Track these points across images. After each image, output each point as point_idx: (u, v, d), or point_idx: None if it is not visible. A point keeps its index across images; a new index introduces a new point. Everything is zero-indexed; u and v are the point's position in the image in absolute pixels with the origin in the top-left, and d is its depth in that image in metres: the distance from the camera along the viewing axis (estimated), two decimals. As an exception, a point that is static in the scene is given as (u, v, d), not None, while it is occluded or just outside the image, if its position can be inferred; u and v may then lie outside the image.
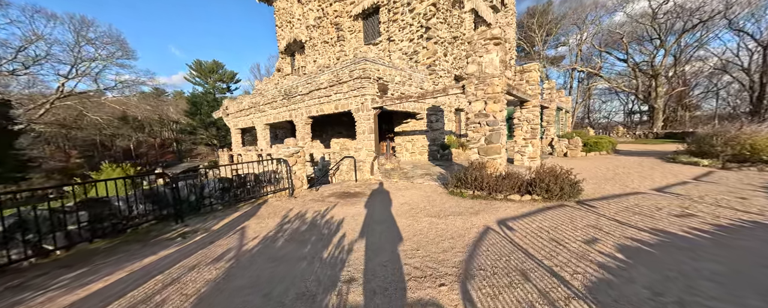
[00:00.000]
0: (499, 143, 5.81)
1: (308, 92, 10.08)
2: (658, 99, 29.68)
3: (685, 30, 27.94)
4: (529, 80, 8.94)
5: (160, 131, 47.94)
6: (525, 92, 8.40)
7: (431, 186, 6.64)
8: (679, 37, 28.28)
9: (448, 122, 12.90)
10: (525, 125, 9.13)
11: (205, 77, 43.83)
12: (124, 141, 41.60)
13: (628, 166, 8.13)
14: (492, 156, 5.84)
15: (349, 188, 7.02)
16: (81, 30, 24.64)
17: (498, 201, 4.78)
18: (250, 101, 12.93)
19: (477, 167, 5.55)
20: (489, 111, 5.77)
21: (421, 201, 5.22)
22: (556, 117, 14.80)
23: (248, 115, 13.73)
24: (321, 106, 9.97)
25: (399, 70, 9.51)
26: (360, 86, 8.47)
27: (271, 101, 11.80)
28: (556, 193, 4.52)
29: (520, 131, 9.19)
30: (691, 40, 29.37)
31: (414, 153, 12.03)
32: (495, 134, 5.76)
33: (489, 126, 5.80)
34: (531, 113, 9.07)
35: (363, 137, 8.85)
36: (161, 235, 3.88)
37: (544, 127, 13.15)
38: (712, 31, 28.62)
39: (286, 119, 11.53)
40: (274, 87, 11.48)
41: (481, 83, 5.82)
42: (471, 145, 6.16)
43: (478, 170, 5.46)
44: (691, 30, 27.80)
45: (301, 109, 10.76)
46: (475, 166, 5.62)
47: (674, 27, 29.36)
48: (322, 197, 6.08)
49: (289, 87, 10.65)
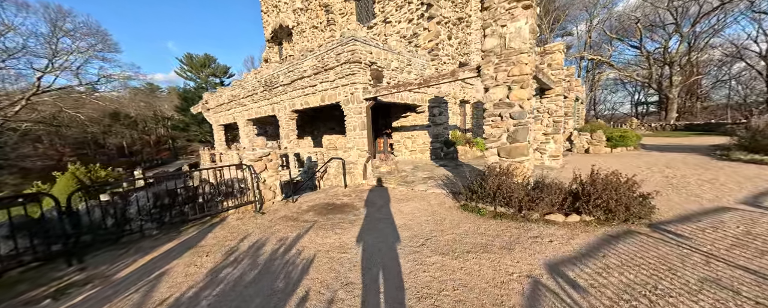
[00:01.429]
0: (526, 142, 4.42)
1: (290, 82, 8.64)
2: (673, 88, 28.01)
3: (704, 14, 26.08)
4: (551, 63, 7.48)
5: (155, 128, 46.65)
6: (548, 77, 6.96)
7: (437, 196, 5.28)
8: (697, 21, 26.42)
9: (453, 116, 11.48)
10: (546, 118, 7.71)
11: (197, 71, 42.19)
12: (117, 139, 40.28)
13: (673, 165, 6.74)
14: (517, 159, 4.46)
15: (335, 198, 5.67)
16: (57, 21, 23.00)
17: (533, 224, 3.42)
18: (229, 94, 11.49)
19: (499, 174, 4.17)
20: (514, 99, 4.36)
21: (425, 221, 3.87)
22: (573, 108, 13.33)
23: (229, 109, 12.31)
24: (305, 98, 8.54)
25: (396, 54, 8.05)
26: (349, 73, 7.04)
27: (251, 93, 10.37)
28: (621, 213, 3.15)
29: (540, 124, 7.78)
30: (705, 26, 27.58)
31: (414, 151, 10.65)
32: (521, 129, 4.37)
33: (513, 119, 4.41)
34: (553, 103, 7.63)
35: (354, 134, 7.46)
36: (31, 290, 2.55)
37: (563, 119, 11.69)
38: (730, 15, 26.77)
39: (269, 114, 10.12)
40: (253, 77, 10.05)
41: (503, 63, 4.39)
42: (488, 144, 4.78)
43: (501, 178, 4.09)
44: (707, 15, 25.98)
45: (284, 102, 9.34)
46: (495, 172, 4.24)
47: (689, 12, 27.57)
48: (298, 212, 4.74)
49: (270, 76, 9.21)
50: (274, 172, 5.17)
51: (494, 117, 4.66)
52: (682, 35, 27.48)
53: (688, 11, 27.59)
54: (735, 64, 30.44)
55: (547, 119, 7.78)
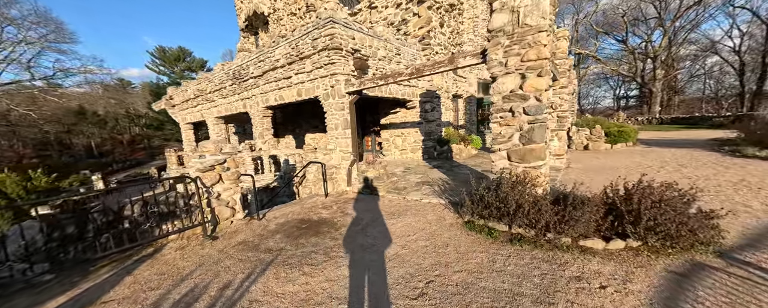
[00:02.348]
0: (543, 143, 3.60)
1: (262, 74, 7.49)
2: (656, 82, 28.52)
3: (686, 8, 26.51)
4: (556, 51, 6.72)
5: (129, 126, 43.55)
6: (555, 67, 6.19)
7: (434, 208, 4.41)
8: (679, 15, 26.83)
9: (445, 112, 10.64)
10: (549, 113, 6.98)
11: (171, 65, 39.43)
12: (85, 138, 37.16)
13: (687, 163, 6.19)
14: (532, 163, 3.64)
15: (312, 212, 4.69)
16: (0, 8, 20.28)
17: (566, 254, 2.60)
18: (195, 88, 10.13)
19: (513, 185, 3.33)
20: (529, 90, 3.51)
21: (424, 248, 2.99)
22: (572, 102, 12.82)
23: (196, 106, 10.93)
24: (280, 92, 7.42)
25: (382, 42, 7.05)
26: (328, 62, 5.99)
27: (219, 87, 9.09)
28: (685, 239, 2.36)
29: (543, 120, 7.03)
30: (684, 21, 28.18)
31: (405, 150, 9.76)
32: (538, 128, 3.53)
33: (528, 115, 3.56)
34: (558, 96, 6.91)
35: (335, 134, 6.45)
36: None
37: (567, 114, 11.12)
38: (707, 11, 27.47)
39: (240, 110, 8.91)
40: (220, 69, 8.78)
41: (515, 45, 3.52)
42: (496, 145, 3.93)
43: (518, 190, 3.24)
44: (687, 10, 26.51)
45: (256, 97, 8.17)
46: (509, 182, 3.39)
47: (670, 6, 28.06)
48: (262, 234, 3.74)
49: (238, 68, 7.99)
50: (232, 184, 4.12)
51: (504, 113, 3.80)
52: (665, 29, 27.89)
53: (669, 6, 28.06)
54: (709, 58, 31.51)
55: (551, 114, 7.06)
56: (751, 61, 26.47)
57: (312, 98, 6.77)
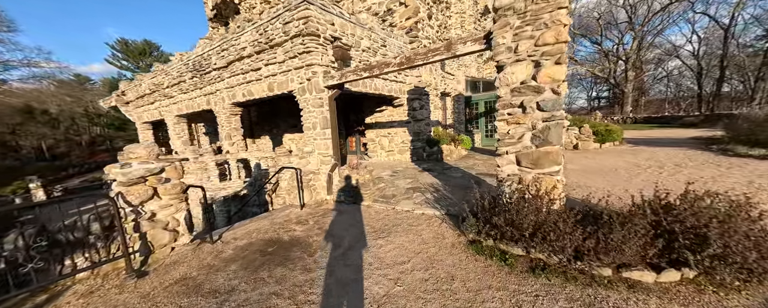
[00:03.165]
0: (560, 145, 3.02)
1: (226, 65, 6.46)
2: (628, 83, 29.95)
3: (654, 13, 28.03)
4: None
5: (89, 126, 39.50)
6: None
7: (430, 222, 3.73)
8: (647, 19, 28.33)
9: (434, 110, 10.07)
10: (545, 111, 6.55)
11: (136, 59, 36.22)
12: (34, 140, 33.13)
13: (682, 163, 5.97)
14: (547, 169, 3.04)
15: (283, 230, 3.85)
16: None
17: (609, 291, 1.99)
18: (150, 82, 8.81)
19: (529, 199, 2.70)
20: (544, 81, 2.91)
21: (422, 284, 2.29)
22: (555, 101, 12.72)
23: (153, 103, 9.58)
24: (248, 86, 6.45)
25: (367, 30, 6.28)
26: (303, 51, 5.14)
27: (177, 80, 7.89)
28: (759, 271, 1.82)
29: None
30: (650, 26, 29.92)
31: (392, 152, 9.06)
32: (554, 127, 2.94)
33: (543, 111, 2.96)
34: (554, 93, 6.47)
35: (313, 134, 5.61)
36: None
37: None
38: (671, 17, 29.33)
39: (203, 108, 7.78)
40: (179, 60, 7.61)
41: (528, 25, 2.90)
42: (502, 147, 3.30)
43: (530, 202, 2.62)
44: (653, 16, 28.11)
45: (221, 92, 7.11)
46: (523, 195, 2.77)
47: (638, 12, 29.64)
48: (212, 266, 2.87)
49: (200, 58, 6.90)
50: (173, 199, 3.19)
51: (512, 109, 3.18)
52: (635, 33, 29.35)
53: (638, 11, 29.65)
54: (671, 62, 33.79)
55: (546, 112, 6.63)
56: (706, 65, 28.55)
57: (286, 93, 5.87)
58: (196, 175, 7.12)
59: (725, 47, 25.03)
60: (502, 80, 3.20)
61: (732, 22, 24.09)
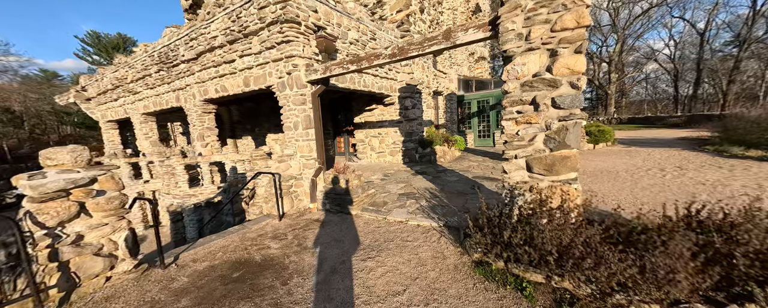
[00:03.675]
0: (576, 148, 2.60)
1: (197, 57, 5.76)
2: (612, 85, 30.81)
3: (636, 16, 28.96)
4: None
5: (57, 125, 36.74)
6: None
7: (428, 237, 3.24)
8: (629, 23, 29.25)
9: (426, 110, 9.65)
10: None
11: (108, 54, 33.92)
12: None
13: (682, 165, 5.80)
14: (562, 176, 2.62)
15: (255, 247, 3.26)
16: None
17: (661, 336, 1.56)
18: (113, 77, 7.89)
19: (551, 213, 2.26)
20: (561, 73, 2.48)
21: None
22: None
23: (117, 99, 8.64)
24: (221, 81, 5.77)
25: (354, 21, 5.74)
26: (282, 41, 4.55)
27: (142, 74, 7.07)
28: None
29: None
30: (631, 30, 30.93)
31: (382, 153, 8.56)
32: (572, 127, 2.53)
33: (559, 109, 2.54)
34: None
35: (295, 135, 5.02)
36: None
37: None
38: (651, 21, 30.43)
39: (172, 105, 7.00)
40: (143, 50, 6.79)
41: (542, 7, 2.47)
42: (509, 151, 2.86)
43: (551, 217, 2.18)
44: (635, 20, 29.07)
45: (191, 87, 6.37)
46: (541, 207, 2.33)
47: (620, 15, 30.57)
48: (155, 301, 2.26)
49: (166, 48, 6.14)
50: (109, 217, 2.54)
51: (522, 106, 2.74)
52: (618, 36, 30.23)
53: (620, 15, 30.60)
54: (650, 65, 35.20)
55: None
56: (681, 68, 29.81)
57: (264, 88, 5.24)
58: (163, 180, 6.34)
59: (701, 51, 26.12)
60: (510, 73, 2.75)
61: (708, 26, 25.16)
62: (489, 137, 11.56)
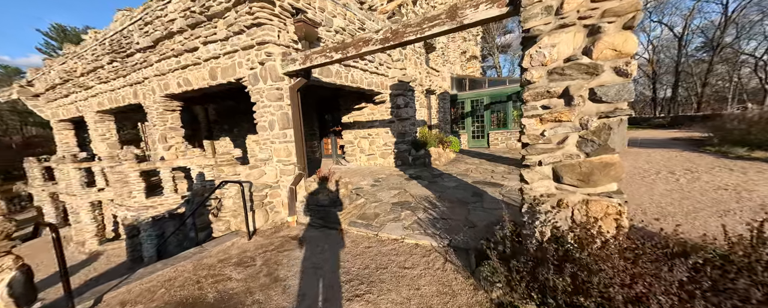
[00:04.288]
0: (618, 153, 2.06)
1: (154, 45, 4.91)
2: (596, 86, 31.59)
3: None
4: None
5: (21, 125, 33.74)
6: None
7: (431, 262, 2.62)
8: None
9: (419, 109, 9.09)
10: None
11: (76, 49, 31.45)
12: (-58, 141, 27.48)
13: (690, 167, 5.49)
14: (600, 188, 2.08)
15: (210, 281, 2.53)
16: None
17: None
18: (61, 69, 6.84)
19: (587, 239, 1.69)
20: (603, 56, 1.94)
21: None
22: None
23: (67, 95, 7.56)
24: (184, 73, 4.95)
25: (340, 7, 5.08)
26: (252, 23, 3.82)
27: (93, 65, 6.10)
28: None
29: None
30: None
31: (373, 155, 7.92)
32: (617, 125, 1.99)
33: (601, 102, 1.99)
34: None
35: (270, 136, 4.30)
36: None
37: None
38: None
39: (130, 102, 6.07)
40: (93, 38, 5.84)
41: (580, -29, 1.92)
42: (531, 156, 2.29)
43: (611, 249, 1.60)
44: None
45: (150, 81, 5.50)
46: (586, 235, 1.75)
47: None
48: None
49: (119, 35, 5.24)
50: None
51: (549, 99, 2.17)
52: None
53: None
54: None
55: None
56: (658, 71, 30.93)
57: (233, 81, 4.48)
58: (114, 189, 5.43)
59: (680, 55, 27.09)
60: (534, 58, 2.18)
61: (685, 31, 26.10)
62: (483, 138, 11.15)
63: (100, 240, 7.16)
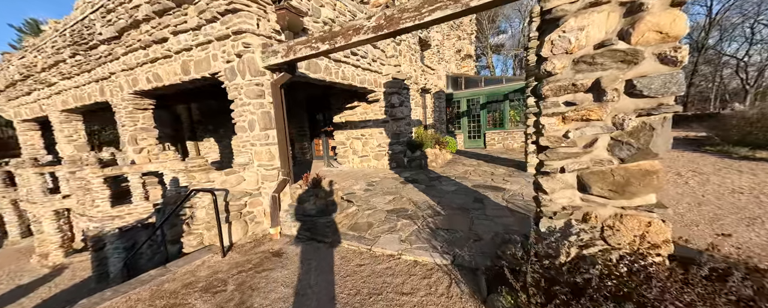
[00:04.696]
0: (662, 156, 1.73)
1: (118, 35, 4.38)
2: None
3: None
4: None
5: None
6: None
7: (434, 288, 2.23)
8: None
9: (414, 108, 8.73)
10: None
11: (53, 46, 29.85)
12: None
13: (697, 169, 5.29)
14: (637, 200, 1.74)
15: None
16: None
17: None
18: (20, 64, 6.18)
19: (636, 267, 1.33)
20: (645, 40, 1.60)
21: None
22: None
23: (30, 93, 6.88)
24: (154, 67, 4.43)
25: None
26: (226, 10, 3.37)
27: (55, 59, 5.49)
28: None
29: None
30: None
31: (366, 157, 7.51)
32: (660, 125, 1.65)
33: (640, 96, 1.65)
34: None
35: (250, 138, 3.84)
36: None
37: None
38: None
39: (97, 100, 5.50)
40: (53, 29, 5.24)
41: (617, -65, 1.57)
42: (551, 161, 1.94)
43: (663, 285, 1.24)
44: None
45: (117, 76, 4.95)
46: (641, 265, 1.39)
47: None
48: None
49: (80, 25, 4.68)
50: None
51: (574, 94, 1.81)
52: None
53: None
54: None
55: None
56: None
57: (208, 76, 4.01)
58: (76, 197, 4.85)
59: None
60: (556, 45, 1.82)
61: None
62: (479, 138, 10.88)
63: (66, 251, 6.51)
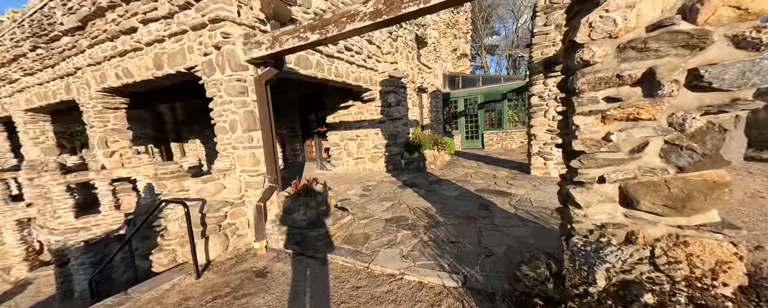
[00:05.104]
0: (735, 164, 1.41)
1: (82, 25, 3.89)
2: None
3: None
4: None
5: None
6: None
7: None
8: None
9: (411, 107, 8.39)
10: (553, 107, 5.27)
11: (32, 43, 28.42)
12: None
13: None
14: (695, 219, 1.41)
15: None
16: None
17: None
18: (-24, 59, 5.56)
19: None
20: (716, 18, 1.28)
21: None
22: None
23: (-11, 91, 6.26)
24: (123, 61, 3.96)
25: (321, -16, 4.26)
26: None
27: (14, 53, 4.93)
28: None
29: (544, 117, 5.33)
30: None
31: (361, 159, 7.13)
32: (733, 125, 1.33)
33: (708, 90, 1.33)
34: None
35: (232, 141, 3.42)
36: None
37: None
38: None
39: (63, 98, 4.96)
40: (11, 18, 4.70)
41: None
42: (588, 169, 1.61)
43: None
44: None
45: (84, 71, 4.45)
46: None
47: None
48: None
49: (40, 14, 4.16)
50: None
51: (617, 89, 1.48)
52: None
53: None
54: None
55: (553, 109, 5.34)
56: None
57: (184, 71, 3.56)
58: (37, 207, 4.33)
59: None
60: (595, 28, 1.48)
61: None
62: (477, 139, 10.62)
63: (32, 264, 5.92)
